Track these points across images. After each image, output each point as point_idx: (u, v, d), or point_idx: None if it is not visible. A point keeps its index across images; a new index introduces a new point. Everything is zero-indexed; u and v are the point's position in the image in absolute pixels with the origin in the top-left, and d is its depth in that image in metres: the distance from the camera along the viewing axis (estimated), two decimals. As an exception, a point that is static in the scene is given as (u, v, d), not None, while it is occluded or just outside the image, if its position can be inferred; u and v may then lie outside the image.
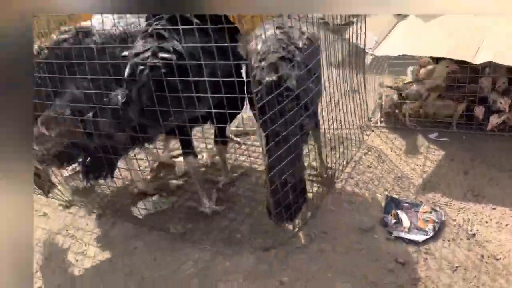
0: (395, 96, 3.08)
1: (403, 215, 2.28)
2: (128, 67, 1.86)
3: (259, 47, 2.16)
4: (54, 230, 2.53)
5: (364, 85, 3.00)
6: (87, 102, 2.05)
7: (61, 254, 2.38)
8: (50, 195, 2.48)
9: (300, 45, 2.15)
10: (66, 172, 2.27)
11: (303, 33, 2.22)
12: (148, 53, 1.85)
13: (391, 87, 3.13)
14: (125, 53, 2.11)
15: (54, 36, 2.23)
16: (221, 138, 2.50)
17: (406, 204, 2.35)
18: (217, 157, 2.90)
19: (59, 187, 2.54)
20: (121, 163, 2.33)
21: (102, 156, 2.04)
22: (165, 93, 1.81)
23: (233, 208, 2.51)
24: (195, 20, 1.95)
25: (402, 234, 2.19)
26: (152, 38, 1.88)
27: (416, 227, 2.22)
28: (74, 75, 2.14)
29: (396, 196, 2.43)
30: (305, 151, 2.22)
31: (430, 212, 2.28)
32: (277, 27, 2.19)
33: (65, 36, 2.21)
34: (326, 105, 2.43)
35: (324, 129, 2.49)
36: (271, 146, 1.90)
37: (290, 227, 2.27)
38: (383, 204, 2.39)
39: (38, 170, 2.33)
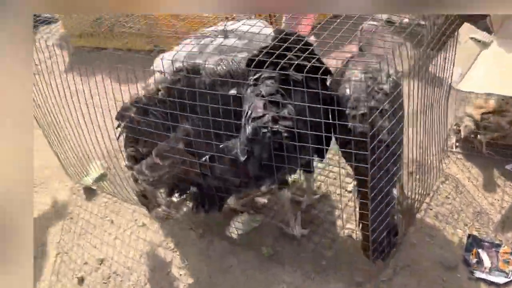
0: (473, 126, 3.13)
1: (484, 255, 2.41)
2: (250, 129, 2.06)
3: (347, 92, 2.24)
4: (156, 242, 2.81)
5: (447, 102, 2.89)
6: (201, 142, 2.25)
7: (165, 267, 2.65)
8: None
9: (388, 91, 2.23)
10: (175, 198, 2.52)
11: (389, 75, 2.30)
12: (269, 118, 2.04)
13: (469, 116, 3.16)
14: (233, 91, 2.31)
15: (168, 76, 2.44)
16: (308, 168, 2.66)
17: (486, 244, 2.47)
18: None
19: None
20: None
21: (214, 193, 2.26)
22: (283, 152, 2.01)
23: (317, 232, 2.71)
24: (299, 77, 2.08)
25: (484, 275, 2.33)
26: (271, 104, 2.06)
27: (497, 268, 2.36)
28: (188, 113, 2.35)
29: (477, 234, 2.55)
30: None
31: (511, 253, 2.41)
32: (365, 72, 2.26)
33: (178, 76, 2.42)
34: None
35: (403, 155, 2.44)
36: (374, 205, 2.05)
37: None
38: (463, 239, 2.52)
39: (146, 191, 2.59)
